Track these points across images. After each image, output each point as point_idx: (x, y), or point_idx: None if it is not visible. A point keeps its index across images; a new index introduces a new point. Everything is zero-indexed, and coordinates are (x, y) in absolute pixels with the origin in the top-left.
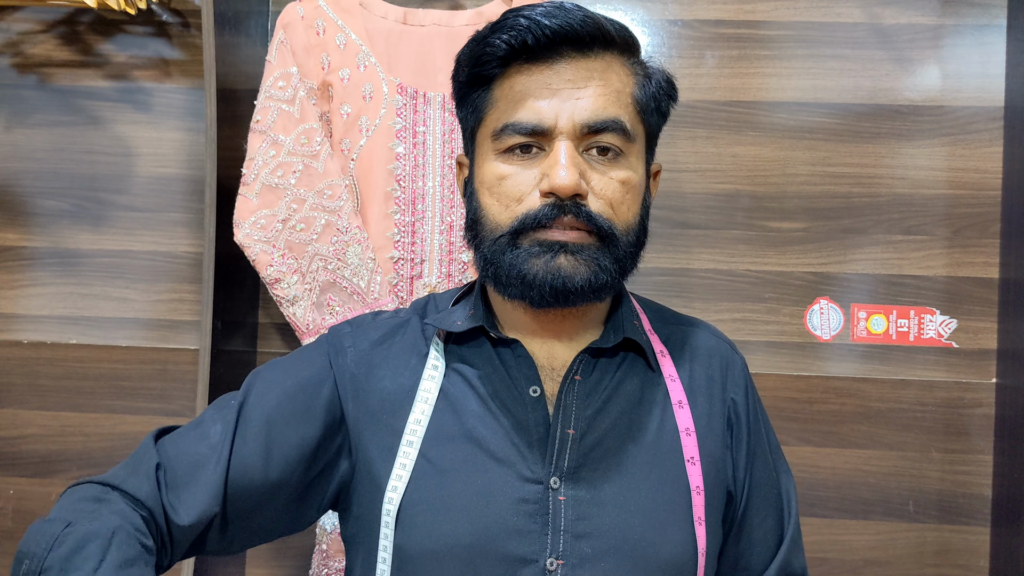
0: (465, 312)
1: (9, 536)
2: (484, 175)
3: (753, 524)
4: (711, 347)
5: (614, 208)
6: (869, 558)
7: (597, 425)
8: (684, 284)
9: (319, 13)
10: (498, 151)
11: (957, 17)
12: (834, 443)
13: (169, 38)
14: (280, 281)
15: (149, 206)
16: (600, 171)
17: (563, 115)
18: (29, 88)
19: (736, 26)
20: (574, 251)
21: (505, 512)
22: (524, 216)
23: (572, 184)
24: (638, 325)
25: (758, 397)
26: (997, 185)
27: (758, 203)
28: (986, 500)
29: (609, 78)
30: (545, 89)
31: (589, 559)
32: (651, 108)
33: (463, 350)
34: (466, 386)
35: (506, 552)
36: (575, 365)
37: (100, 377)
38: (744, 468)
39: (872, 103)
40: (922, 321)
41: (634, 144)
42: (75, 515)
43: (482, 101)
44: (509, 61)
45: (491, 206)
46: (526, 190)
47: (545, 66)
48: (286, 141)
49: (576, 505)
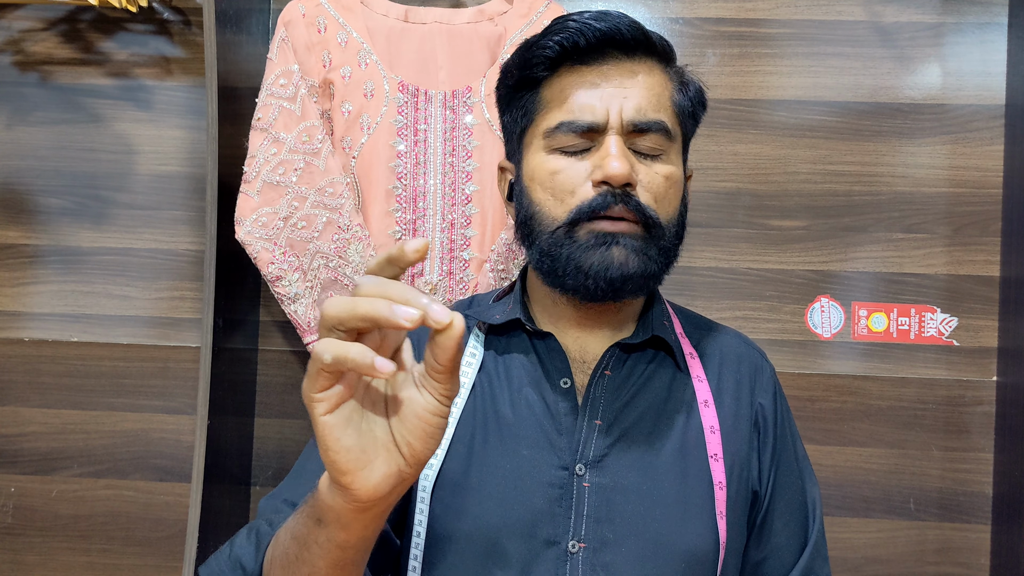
0: (505, 307)
1: (9, 533)
2: (536, 172)
3: (776, 528)
4: (741, 353)
5: (658, 201)
6: (870, 556)
7: (624, 417)
8: (685, 282)
9: (320, 11)
10: (550, 148)
11: (958, 15)
12: (835, 441)
13: (170, 36)
14: (281, 279)
15: (150, 204)
16: (646, 165)
17: (612, 112)
18: (30, 86)
19: (737, 24)
20: (625, 243)
21: (532, 495)
22: (579, 207)
23: (625, 172)
24: (668, 325)
25: (787, 404)
26: (998, 183)
27: (759, 201)
28: (987, 498)
29: (652, 81)
30: (595, 89)
31: (611, 543)
32: (687, 113)
33: (501, 341)
34: (502, 375)
35: (531, 533)
36: (605, 359)
37: (101, 375)
38: (769, 471)
39: (873, 101)
40: (923, 319)
41: (674, 144)
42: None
43: (532, 103)
44: (558, 63)
45: (545, 201)
46: (579, 182)
47: (593, 67)
48: (287, 139)
49: (600, 492)
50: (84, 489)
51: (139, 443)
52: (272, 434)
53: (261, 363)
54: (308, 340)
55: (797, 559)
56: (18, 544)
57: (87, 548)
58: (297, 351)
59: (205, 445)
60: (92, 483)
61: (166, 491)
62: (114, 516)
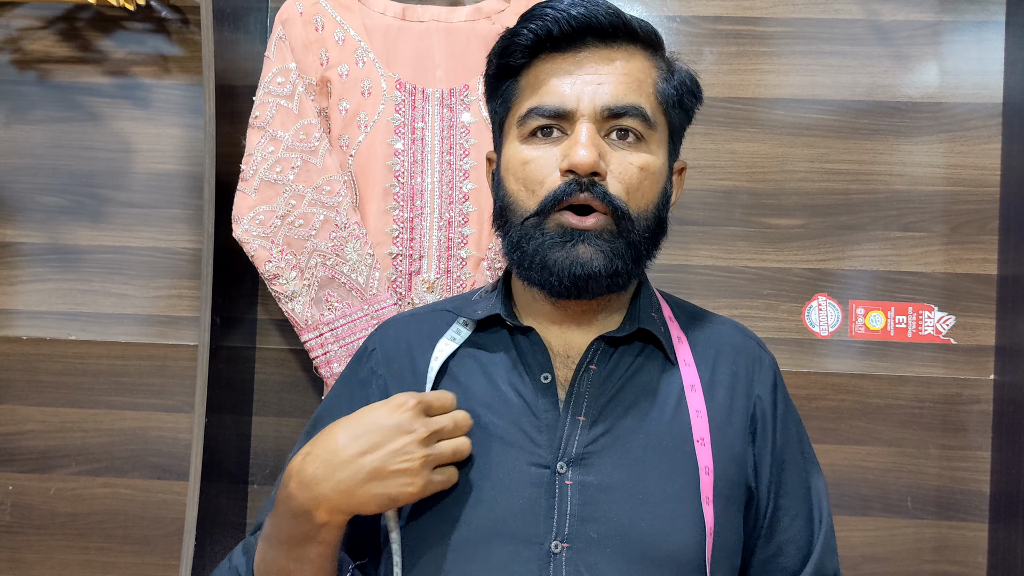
0: (488, 302)
1: (7, 532)
2: (509, 161)
3: (783, 524)
4: (737, 344)
5: (629, 192)
6: (867, 554)
7: (608, 413)
8: (682, 280)
9: (318, 9)
10: (523, 136)
11: (955, 13)
12: (832, 439)
13: (168, 34)
14: (279, 277)
15: (148, 202)
16: (620, 155)
17: (584, 98)
18: (28, 84)
19: (735, 22)
20: (591, 240)
21: (512, 495)
22: (546, 196)
23: (590, 161)
24: (656, 317)
25: (787, 394)
26: (995, 181)
27: (756, 199)
28: (984, 496)
29: (631, 67)
30: (568, 75)
31: (595, 543)
32: (673, 101)
33: (482, 337)
34: (479, 372)
35: (512, 534)
36: (590, 353)
37: (99, 373)
38: (771, 468)
39: (870, 100)
40: (920, 317)
41: (655, 132)
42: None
43: (510, 91)
44: (536, 51)
45: (518, 192)
46: (548, 172)
47: (570, 55)
48: (285, 137)
49: (583, 490)
50: (82, 487)
51: (137, 441)
52: (270, 432)
53: (259, 361)
54: (305, 338)
55: (806, 554)
56: (16, 542)
57: (85, 546)
58: (295, 349)
59: (203, 443)
60: (90, 481)
61: (164, 489)
62: (112, 514)
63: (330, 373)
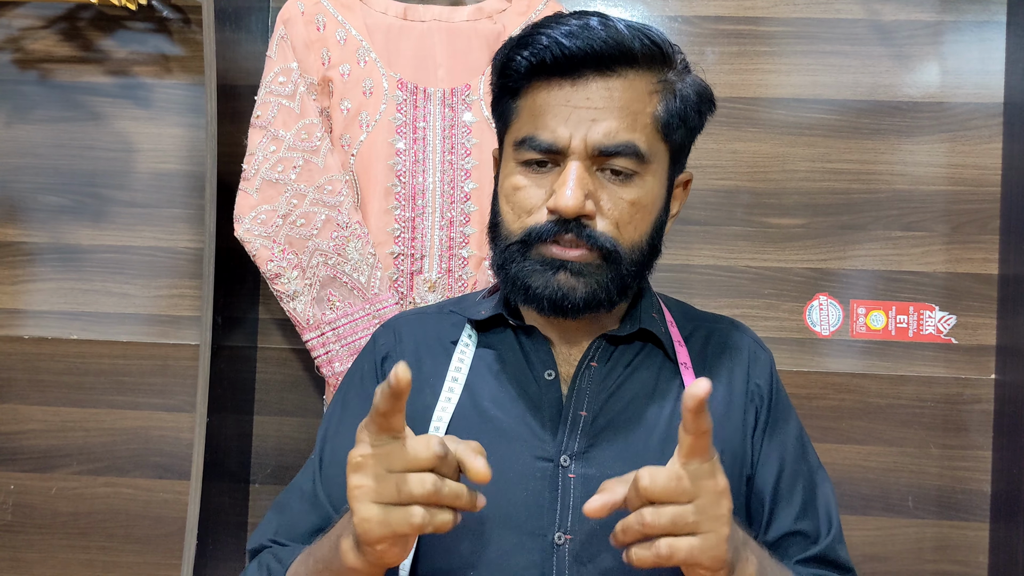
0: (491, 303)
1: (9, 531)
2: (504, 184)
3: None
4: (736, 342)
5: (620, 228)
6: (868, 553)
7: (609, 408)
8: (684, 280)
9: (319, 8)
10: (518, 160)
11: (957, 13)
12: (833, 439)
13: (170, 34)
14: (280, 276)
15: (149, 202)
16: (611, 191)
17: (577, 136)
18: (30, 84)
19: (736, 22)
20: (574, 270)
21: (517, 488)
22: (531, 229)
23: (575, 207)
24: (657, 318)
25: (782, 387)
26: (996, 181)
27: (757, 199)
28: (985, 496)
29: (629, 98)
30: (563, 107)
31: (597, 535)
32: (674, 125)
33: (488, 337)
34: (486, 370)
35: (517, 525)
36: (591, 351)
37: (101, 372)
38: (770, 459)
39: (871, 99)
40: (921, 317)
41: (650, 164)
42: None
43: (508, 109)
44: (531, 77)
45: (507, 214)
46: (536, 204)
47: (567, 82)
48: (286, 136)
49: (585, 483)
50: (83, 487)
51: (138, 441)
52: (271, 432)
53: (260, 361)
54: (307, 337)
55: (809, 544)
56: (17, 542)
57: (86, 546)
58: (296, 348)
59: (204, 443)
60: (91, 480)
61: (165, 488)
62: (113, 513)
63: (332, 372)
